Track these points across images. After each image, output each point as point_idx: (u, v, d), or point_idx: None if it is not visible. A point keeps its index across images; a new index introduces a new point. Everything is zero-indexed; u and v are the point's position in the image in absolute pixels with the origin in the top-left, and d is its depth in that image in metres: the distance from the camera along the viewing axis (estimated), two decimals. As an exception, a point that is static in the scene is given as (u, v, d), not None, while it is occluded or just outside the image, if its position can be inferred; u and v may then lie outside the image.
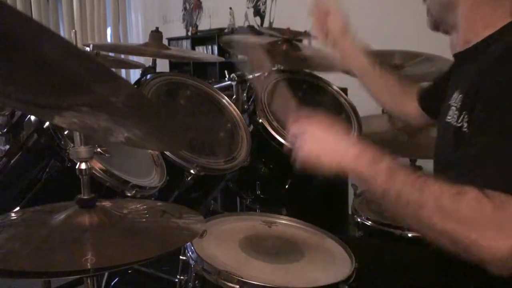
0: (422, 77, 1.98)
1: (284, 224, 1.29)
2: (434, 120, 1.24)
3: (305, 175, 1.63)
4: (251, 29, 4.48)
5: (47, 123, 1.15)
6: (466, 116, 0.84)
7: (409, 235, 1.37)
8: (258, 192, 1.66)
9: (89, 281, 0.84)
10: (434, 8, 1.02)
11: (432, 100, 1.20)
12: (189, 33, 5.55)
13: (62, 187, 1.13)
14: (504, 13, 0.91)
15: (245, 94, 1.74)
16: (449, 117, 0.93)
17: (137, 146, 1.20)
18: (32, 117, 1.20)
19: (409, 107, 1.31)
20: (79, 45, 1.36)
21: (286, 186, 1.68)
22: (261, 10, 4.58)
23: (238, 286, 0.94)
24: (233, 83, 1.89)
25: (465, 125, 0.84)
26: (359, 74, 1.34)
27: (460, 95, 0.90)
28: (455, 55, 1.04)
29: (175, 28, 5.76)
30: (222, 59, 1.88)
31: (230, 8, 4.90)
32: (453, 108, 0.92)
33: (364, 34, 3.10)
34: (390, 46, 2.11)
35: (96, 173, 1.09)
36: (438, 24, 1.03)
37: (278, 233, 1.23)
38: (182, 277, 1.12)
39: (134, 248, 0.79)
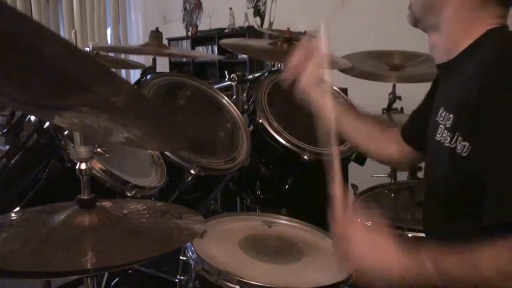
0: (422, 77, 1.98)
1: (284, 224, 1.29)
2: (421, 153, 1.16)
3: (305, 174, 1.63)
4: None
5: (47, 123, 1.15)
6: (462, 140, 0.84)
7: (409, 235, 1.36)
8: (258, 192, 1.66)
9: (89, 281, 0.84)
10: (416, 5, 1.01)
11: (418, 132, 1.12)
12: (189, 33, 5.55)
13: (62, 187, 1.13)
14: (483, 23, 0.90)
15: (245, 94, 1.73)
16: (438, 136, 0.92)
17: (137, 146, 1.20)
18: (32, 117, 1.20)
19: (391, 149, 1.22)
20: (79, 45, 1.36)
21: (286, 186, 1.68)
22: (261, 10, 4.58)
23: (238, 286, 0.94)
24: (233, 83, 1.89)
25: (459, 147, 0.84)
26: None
27: (449, 115, 0.90)
28: (438, 66, 1.03)
29: (175, 28, 5.76)
30: (222, 57, 1.87)
31: (230, 8, 4.90)
32: (441, 126, 0.91)
33: (364, 34, 3.10)
34: (390, 46, 2.11)
35: (96, 173, 1.09)
36: (417, 22, 1.01)
37: (278, 233, 1.23)
38: (182, 277, 1.12)
39: (134, 248, 0.79)
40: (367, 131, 1.23)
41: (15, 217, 0.91)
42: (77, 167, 0.84)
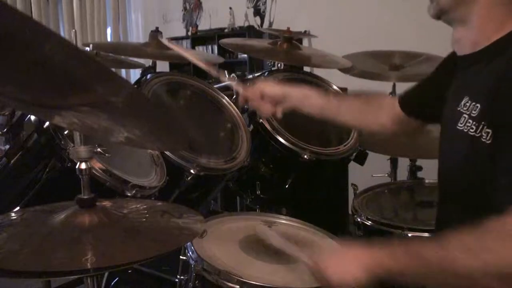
0: (422, 77, 1.97)
1: (284, 224, 1.29)
2: (421, 123, 1.20)
3: (305, 174, 1.63)
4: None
5: (47, 123, 1.15)
6: (486, 127, 0.84)
7: (409, 235, 1.36)
8: (258, 192, 1.66)
9: (89, 281, 0.84)
10: None
11: (422, 103, 1.17)
12: (189, 33, 5.55)
13: (62, 187, 1.13)
14: None
15: (245, 94, 1.73)
16: (460, 125, 0.92)
17: (137, 146, 1.20)
18: (32, 117, 1.20)
19: (383, 118, 1.25)
20: (79, 45, 1.36)
21: (286, 186, 1.68)
22: (261, 10, 4.58)
23: (238, 286, 0.94)
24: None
25: (484, 135, 0.84)
26: (319, 115, 1.27)
27: (476, 104, 0.89)
28: (460, 58, 1.02)
29: (175, 28, 5.76)
30: (222, 59, 1.91)
31: (230, 8, 4.90)
32: (465, 116, 0.91)
33: (364, 34, 3.10)
34: (390, 46, 2.11)
35: (96, 173, 1.09)
36: (443, 14, 0.98)
37: (278, 233, 1.23)
38: (182, 277, 1.12)
39: (134, 248, 0.79)
40: (354, 113, 1.27)
41: (15, 217, 0.91)
42: (77, 167, 0.84)
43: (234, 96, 1.85)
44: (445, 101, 1.03)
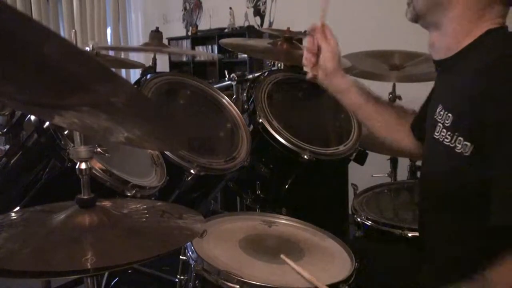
0: (422, 77, 1.98)
1: (284, 224, 1.29)
2: None
3: (305, 174, 1.63)
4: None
5: (47, 123, 1.15)
6: (460, 138, 0.85)
7: (409, 235, 1.36)
8: (258, 192, 1.66)
9: (89, 281, 0.84)
10: (419, 2, 1.00)
11: (424, 126, 1.13)
12: (189, 33, 5.55)
13: (62, 187, 1.13)
14: (485, 22, 0.91)
15: (245, 94, 1.74)
16: (436, 134, 0.93)
17: (137, 146, 1.20)
18: (32, 117, 1.20)
19: (406, 141, 1.25)
20: (79, 45, 1.36)
21: (286, 186, 1.68)
22: (261, 10, 4.58)
23: (238, 286, 0.94)
24: (233, 83, 1.89)
25: (459, 146, 0.85)
26: (351, 110, 1.28)
27: (448, 114, 0.90)
28: (436, 62, 1.03)
29: (175, 28, 5.76)
30: (221, 56, 1.90)
31: (230, 8, 4.89)
32: (440, 125, 0.92)
33: (364, 34, 3.10)
34: (390, 46, 2.11)
35: (96, 173, 1.09)
36: (419, 18, 1.00)
37: (278, 233, 1.23)
38: (182, 277, 1.12)
39: (134, 248, 0.79)
40: (384, 123, 1.26)
41: (15, 217, 0.91)
42: (77, 167, 0.84)
43: (234, 96, 1.85)
44: None
